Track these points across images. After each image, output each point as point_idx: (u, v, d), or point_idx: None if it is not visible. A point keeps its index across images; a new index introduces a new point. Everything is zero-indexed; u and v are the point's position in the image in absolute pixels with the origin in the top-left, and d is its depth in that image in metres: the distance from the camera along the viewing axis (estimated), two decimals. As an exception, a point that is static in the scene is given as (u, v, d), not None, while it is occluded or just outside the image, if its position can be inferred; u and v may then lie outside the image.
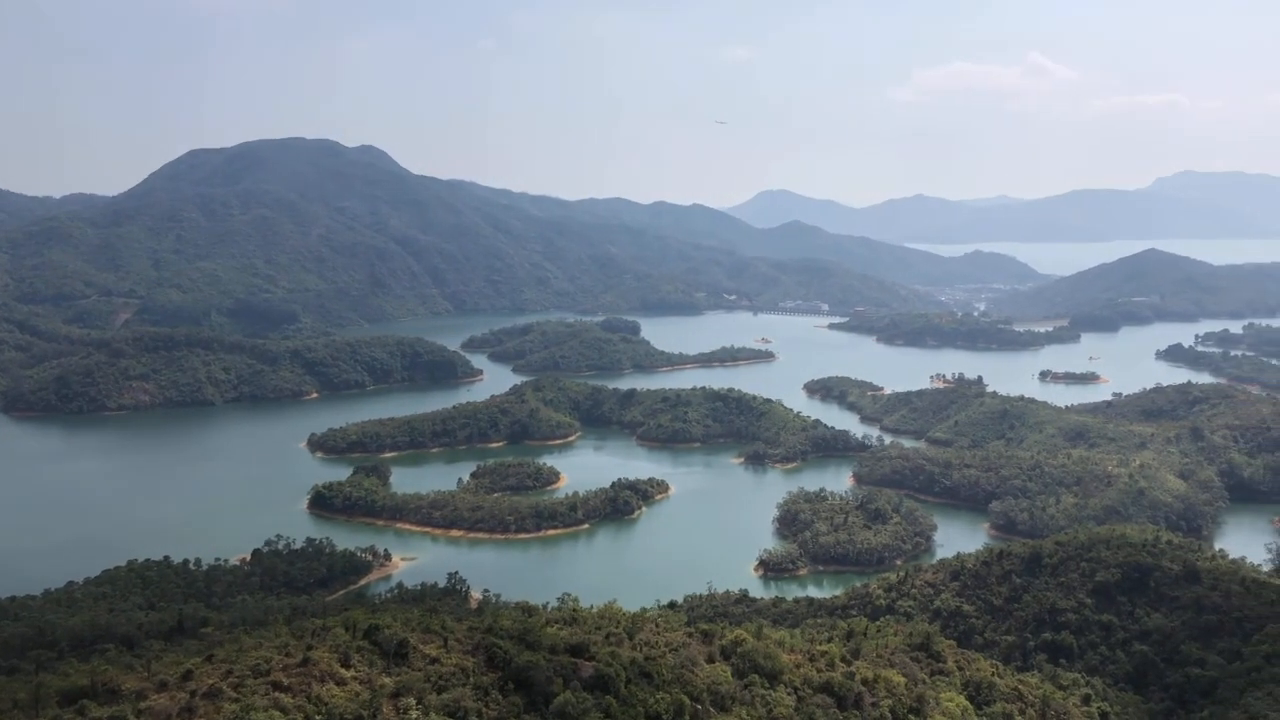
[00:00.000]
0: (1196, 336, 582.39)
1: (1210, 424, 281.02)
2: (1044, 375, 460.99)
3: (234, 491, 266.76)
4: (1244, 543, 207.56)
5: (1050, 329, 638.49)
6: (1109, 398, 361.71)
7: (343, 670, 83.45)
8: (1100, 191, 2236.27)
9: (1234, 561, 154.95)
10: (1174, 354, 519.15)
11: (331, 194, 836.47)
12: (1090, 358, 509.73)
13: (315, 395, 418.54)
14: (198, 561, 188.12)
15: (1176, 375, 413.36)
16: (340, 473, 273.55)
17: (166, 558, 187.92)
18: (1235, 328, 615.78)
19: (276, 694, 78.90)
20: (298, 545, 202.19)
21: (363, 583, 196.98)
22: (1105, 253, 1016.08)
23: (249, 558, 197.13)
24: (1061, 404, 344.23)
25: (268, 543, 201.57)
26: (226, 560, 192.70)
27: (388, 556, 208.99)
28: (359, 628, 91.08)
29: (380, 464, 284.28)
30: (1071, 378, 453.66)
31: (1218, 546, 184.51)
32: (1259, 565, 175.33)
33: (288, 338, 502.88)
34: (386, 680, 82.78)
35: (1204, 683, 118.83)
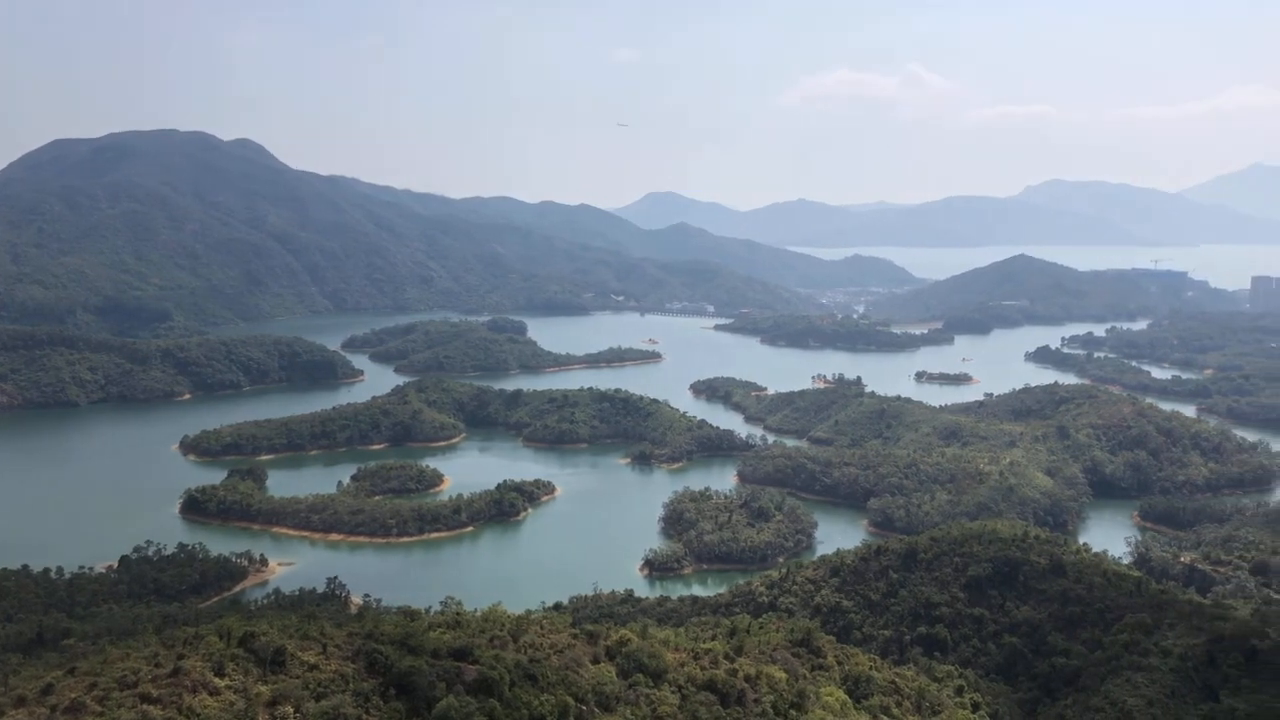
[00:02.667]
0: (1063, 339, 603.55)
1: (1075, 423, 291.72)
2: (919, 376, 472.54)
3: (100, 496, 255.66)
4: (1106, 537, 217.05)
5: (925, 331, 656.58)
6: (981, 398, 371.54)
7: (216, 680, 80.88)
8: (974, 198, 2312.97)
9: (1097, 555, 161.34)
10: (1042, 356, 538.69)
11: (206, 188, 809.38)
12: (963, 359, 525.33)
13: (188, 396, 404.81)
14: (59, 570, 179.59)
15: (1044, 376, 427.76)
16: (214, 476, 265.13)
17: (25, 566, 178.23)
18: (1099, 331, 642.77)
19: (145, 706, 76.02)
20: (169, 551, 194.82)
21: (238, 589, 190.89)
22: (978, 258, 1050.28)
23: (116, 565, 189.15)
24: (936, 404, 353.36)
25: (136, 549, 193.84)
26: (91, 568, 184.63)
27: (264, 562, 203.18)
28: (233, 635, 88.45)
29: (256, 467, 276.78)
30: (945, 378, 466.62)
31: (1082, 541, 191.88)
32: (1120, 558, 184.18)
33: (159, 337, 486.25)
34: (263, 689, 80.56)
35: (1068, 671, 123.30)
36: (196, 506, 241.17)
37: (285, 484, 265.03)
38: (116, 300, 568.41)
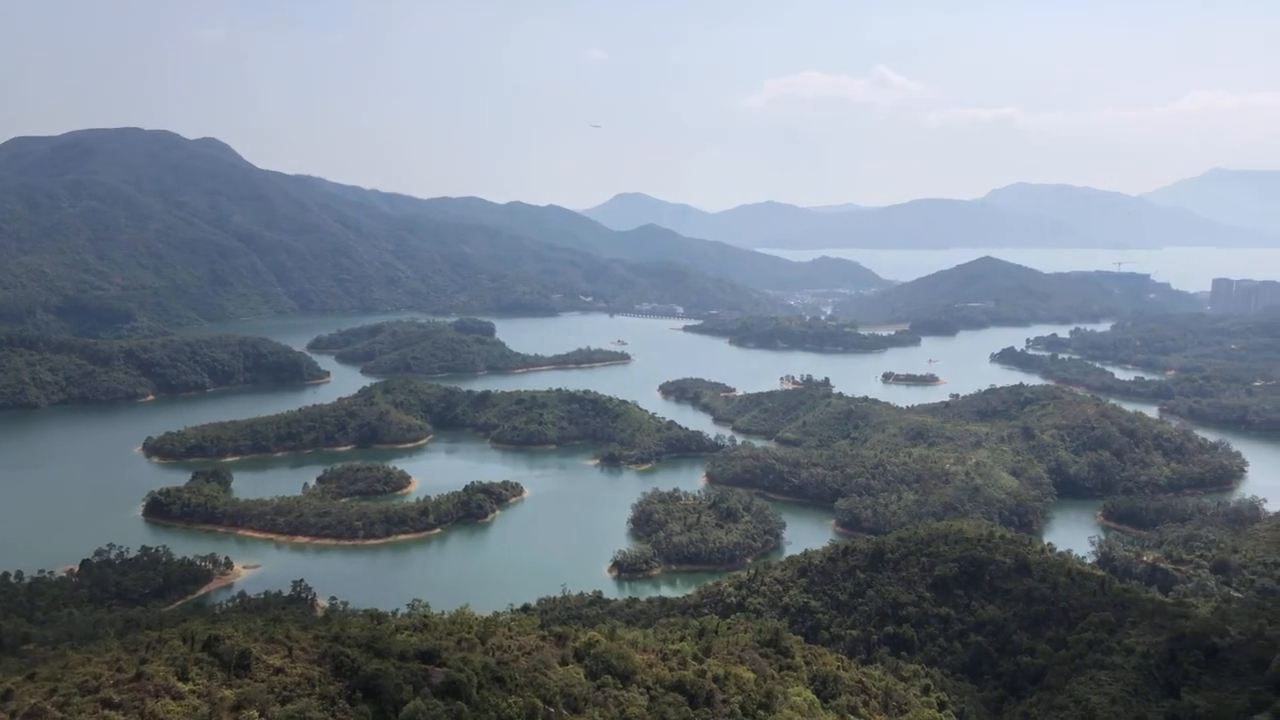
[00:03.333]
0: (1027, 340, 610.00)
1: (1040, 424, 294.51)
2: (886, 377, 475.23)
3: (61, 499, 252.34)
4: (1070, 536, 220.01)
5: (892, 332, 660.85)
6: (947, 399, 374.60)
7: (180, 684, 79.92)
8: (940, 201, 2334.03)
9: (1061, 554, 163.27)
10: (1007, 357, 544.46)
11: (170, 187, 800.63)
12: (929, 360, 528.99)
13: (152, 397, 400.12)
14: (19, 574, 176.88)
15: (1009, 377, 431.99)
16: (179, 478, 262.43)
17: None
18: (1063, 332, 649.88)
19: (106, 712, 75.00)
20: (132, 554, 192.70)
21: (202, 592, 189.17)
22: (944, 260, 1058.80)
23: (77, 569, 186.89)
24: (903, 405, 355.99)
25: (98, 552, 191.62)
26: (52, 572, 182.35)
27: (229, 564, 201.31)
28: (197, 639, 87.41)
29: (221, 469, 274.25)
30: (912, 379, 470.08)
31: (1046, 540, 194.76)
32: (1083, 558, 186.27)
33: (121, 337, 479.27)
34: (227, 693, 79.66)
35: (1033, 670, 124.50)
36: (160, 509, 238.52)
37: (250, 486, 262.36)
38: (78, 300, 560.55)
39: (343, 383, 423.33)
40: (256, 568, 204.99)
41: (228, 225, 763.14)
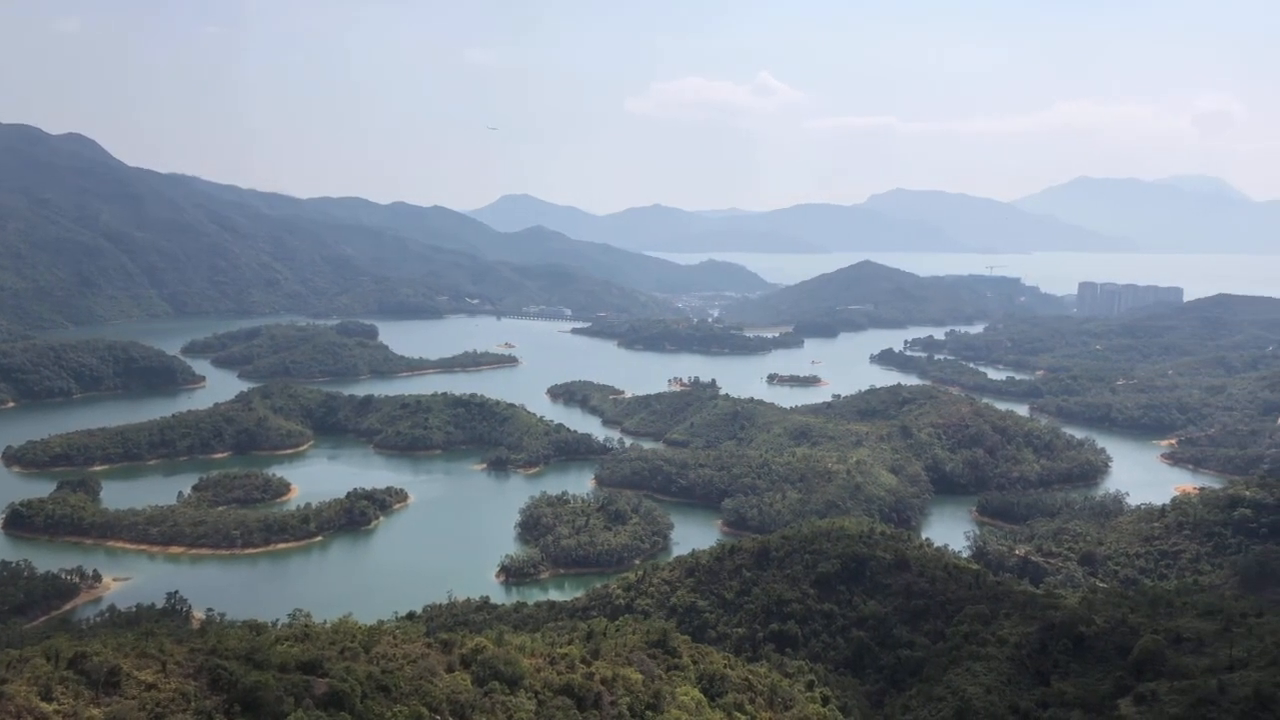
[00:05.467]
0: (905, 342, 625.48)
1: (917, 423, 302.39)
2: (771, 378, 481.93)
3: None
4: (947, 532, 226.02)
5: (777, 335, 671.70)
6: (829, 399, 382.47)
7: (43, 705, 76.30)
8: (821, 206, 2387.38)
9: (939, 549, 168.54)
10: (886, 358, 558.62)
11: (32, 184, 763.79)
12: (812, 361, 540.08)
13: (12, 404, 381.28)
14: None
15: (888, 377, 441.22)
16: (42, 488, 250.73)
17: None
18: (939, 334, 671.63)
19: (-37, 736, 71.35)
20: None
21: (68, 607, 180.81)
22: (825, 264, 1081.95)
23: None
24: (787, 405, 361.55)
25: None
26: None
27: (98, 578, 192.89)
28: (62, 656, 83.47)
29: (89, 478, 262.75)
30: (796, 380, 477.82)
31: (925, 536, 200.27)
32: (959, 552, 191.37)
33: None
34: (95, 712, 76.38)
35: (913, 663, 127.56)
36: (21, 521, 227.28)
37: (121, 495, 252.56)
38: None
39: (219, 388, 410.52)
40: (128, 580, 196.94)
41: (95, 224, 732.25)
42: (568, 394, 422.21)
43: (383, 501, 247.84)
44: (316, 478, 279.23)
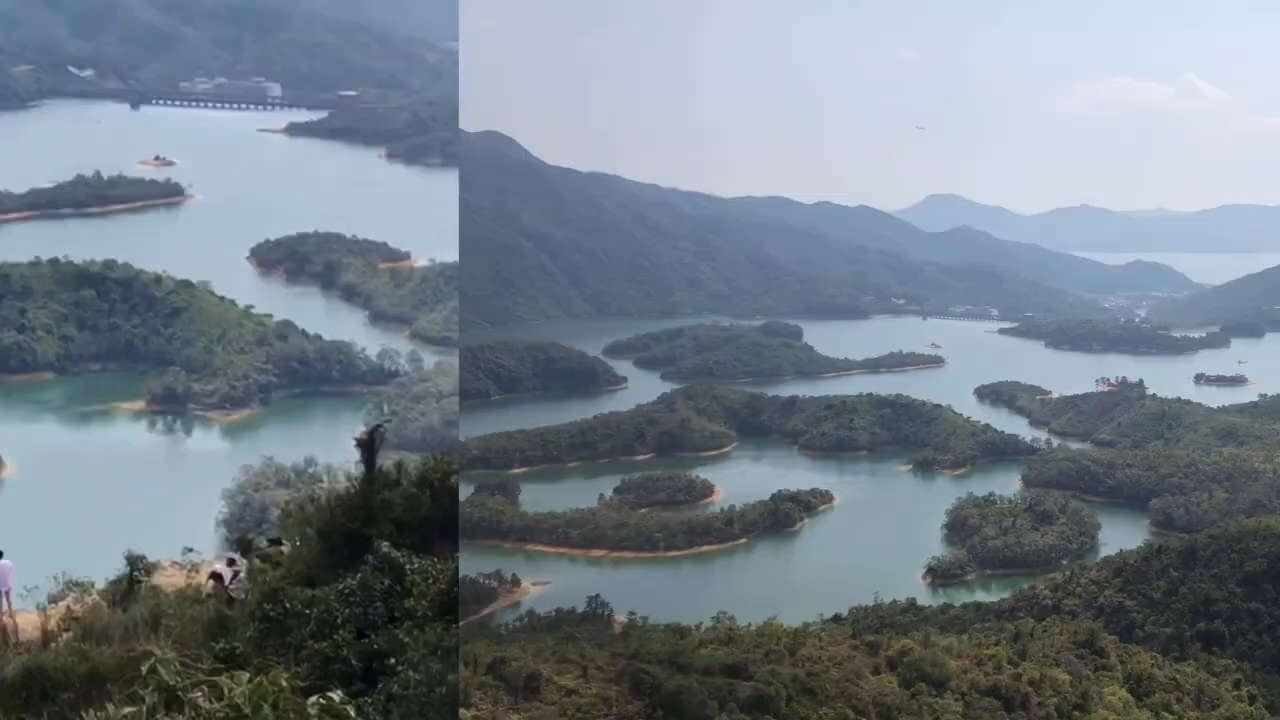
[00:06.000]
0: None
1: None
2: (1198, 378, 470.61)
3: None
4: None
5: (1203, 335, 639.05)
6: (1255, 399, 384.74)
7: (461, 711, 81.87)
8: (1249, 206, 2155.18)
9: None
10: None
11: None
12: (1239, 361, 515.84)
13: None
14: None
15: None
16: (461, 492, 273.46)
17: None
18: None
19: None
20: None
21: (486, 612, 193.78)
22: (1253, 264, 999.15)
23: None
24: (1213, 405, 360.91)
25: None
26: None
27: (516, 582, 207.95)
28: (480, 661, 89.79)
29: (508, 481, 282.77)
30: (1222, 380, 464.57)
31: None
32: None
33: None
34: (514, 717, 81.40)
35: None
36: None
37: (541, 498, 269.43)
38: None
39: (641, 389, 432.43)
40: (547, 584, 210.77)
41: (515, 224, 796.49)
42: (994, 394, 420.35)
43: (807, 503, 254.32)
44: (740, 479, 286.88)
